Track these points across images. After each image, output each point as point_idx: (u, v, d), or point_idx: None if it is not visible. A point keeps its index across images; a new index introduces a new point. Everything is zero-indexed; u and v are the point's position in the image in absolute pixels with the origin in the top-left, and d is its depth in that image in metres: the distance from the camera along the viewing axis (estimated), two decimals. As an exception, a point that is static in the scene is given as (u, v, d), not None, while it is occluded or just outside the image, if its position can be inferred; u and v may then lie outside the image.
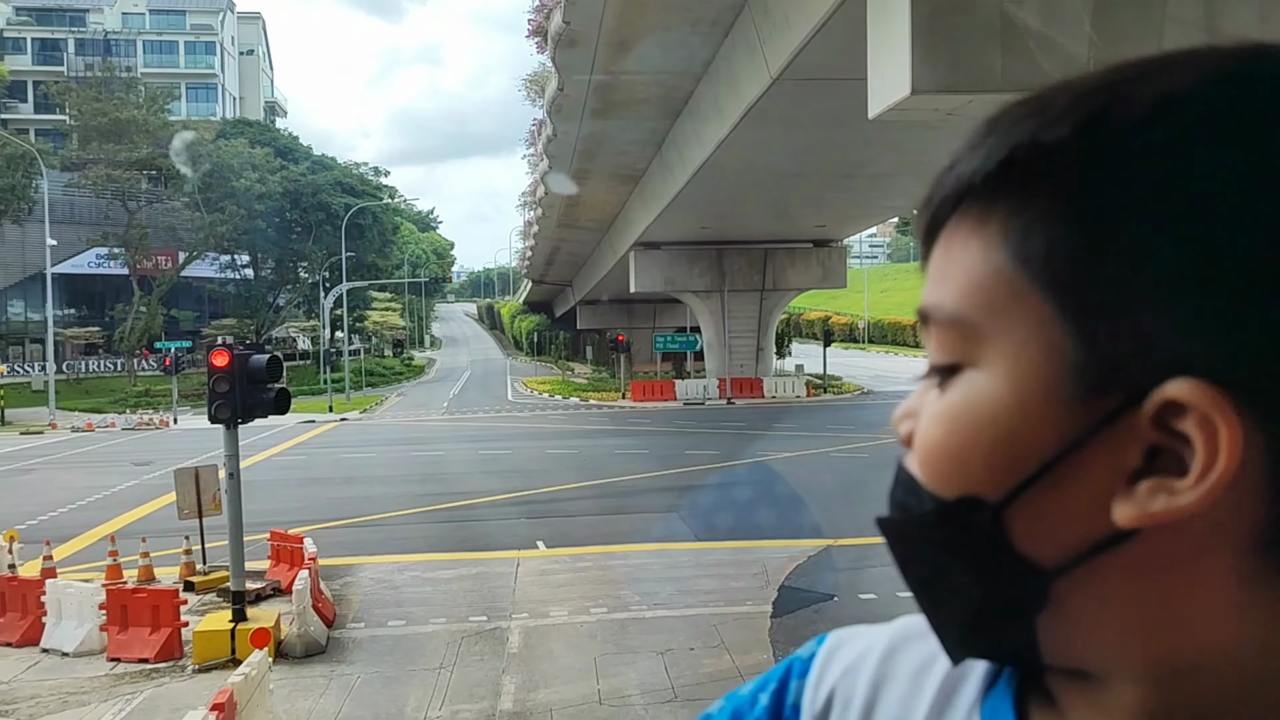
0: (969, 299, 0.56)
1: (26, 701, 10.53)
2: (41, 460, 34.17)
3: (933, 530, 0.58)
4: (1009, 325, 0.54)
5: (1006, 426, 0.54)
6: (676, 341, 54.78)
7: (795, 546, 16.34)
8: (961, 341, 0.57)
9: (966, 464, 0.56)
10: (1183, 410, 0.49)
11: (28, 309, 65.17)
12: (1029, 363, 0.54)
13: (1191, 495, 0.49)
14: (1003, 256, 0.54)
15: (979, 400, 0.56)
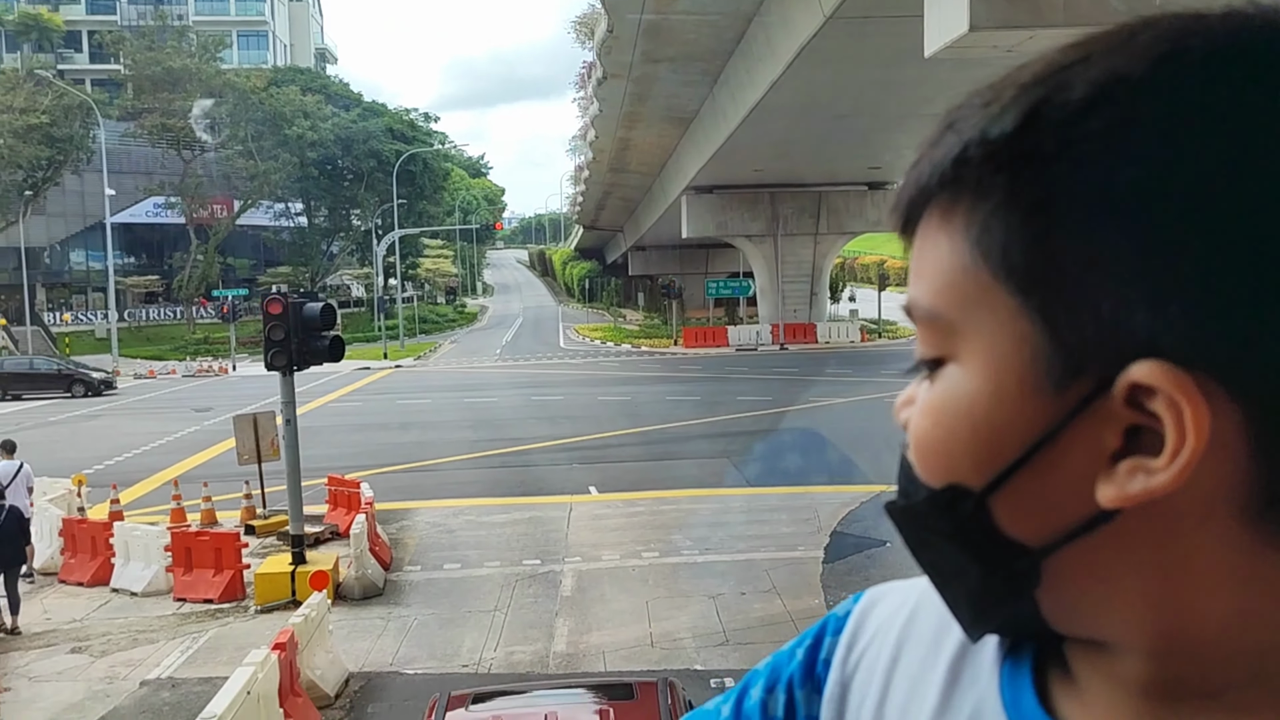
0: (941, 295, 0.57)
1: (99, 638, 10.89)
2: (106, 406, 35.02)
3: (927, 517, 0.60)
4: (979, 319, 0.55)
5: (985, 418, 0.55)
6: (729, 287, 54.51)
7: (847, 492, 16.30)
8: (940, 336, 0.58)
9: (951, 455, 0.57)
10: (1151, 391, 0.50)
11: (89, 258, 66.34)
12: (1001, 355, 0.54)
13: (1166, 475, 0.50)
14: (966, 251, 0.55)
15: (958, 394, 0.57)
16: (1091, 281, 0.50)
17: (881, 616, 0.78)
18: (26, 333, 54.61)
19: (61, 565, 13.27)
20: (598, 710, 5.39)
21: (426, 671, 9.73)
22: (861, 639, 0.78)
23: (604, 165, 50.91)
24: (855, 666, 0.77)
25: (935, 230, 0.57)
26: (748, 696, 0.82)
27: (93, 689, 9.46)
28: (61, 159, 54.87)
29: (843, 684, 0.77)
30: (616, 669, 9.58)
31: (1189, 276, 0.49)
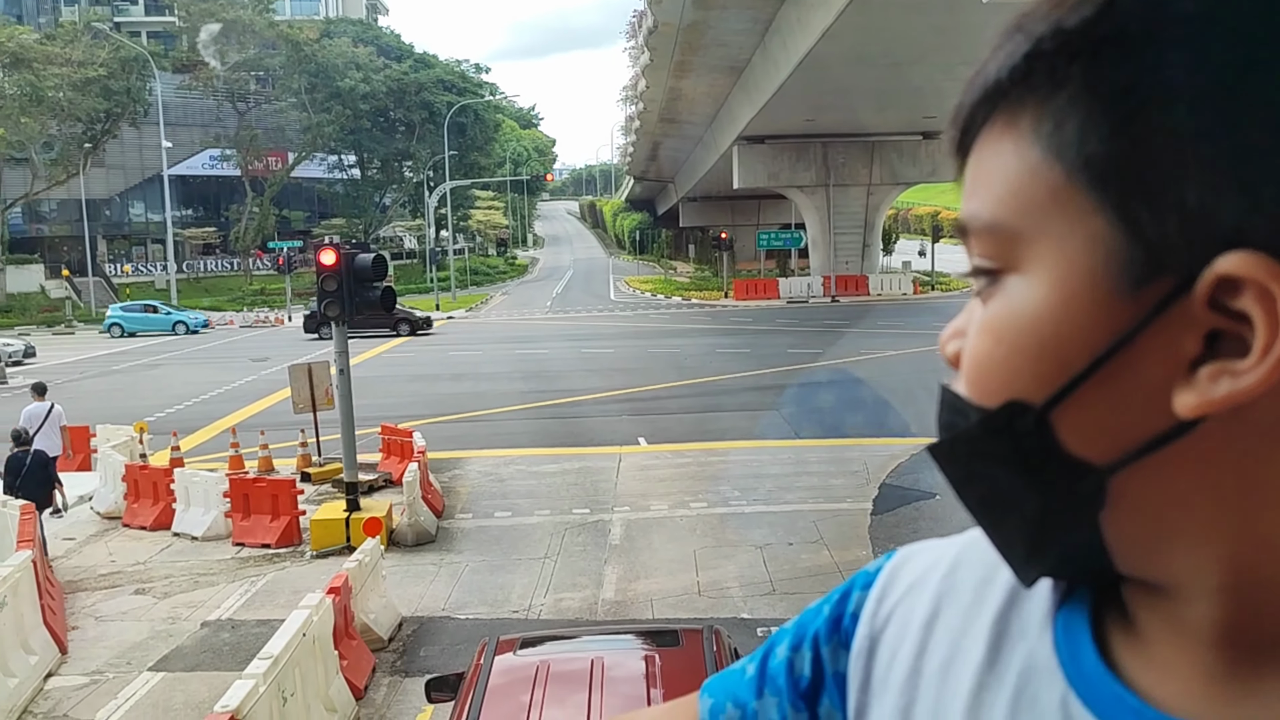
0: (1005, 204, 0.54)
1: (161, 581, 11.21)
2: (167, 356, 35.74)
3: (980, 443, 0.56)
4: (1048, 224, 0.52)
5: (1053, 328, 0.52)
6: (780, 238, 54.05)
7: (897, 445, 16.21)
8: (1001, 249, 0.54)
9: (1014, 372, 0.54)
10: (1238, 286, 0.46)
11: (148, 210, 67.47)
12: (1071, 259, 0.51)
13: (1255, 375, 0.46)
14: (1036, 153, 0.52)
15: (1023, 305, 0.53)
16: (1177, 170, 0.47)
17: (916, 571, 0.74)
18: (89, 284, 55.83)
19: (125, 510, 13.64)
20: (644, 656, 5.45)
21: (477, 617, 9.90)
22: (893, 593, 0.74)
23: (654, 115, 50.50)
24: (886, 621, 0.73)
25: (998, 138, 0.54)
26: (773, 655, 0.79)
27: (156, 629, 9.76)
28: (119, 112, 55.65)
29: (871, 638, 0.73)
30: (664, 617, 9.67)
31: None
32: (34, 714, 8.02)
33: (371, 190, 71.89)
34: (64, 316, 50.17)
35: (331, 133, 63.70)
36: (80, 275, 56.32)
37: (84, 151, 55.40)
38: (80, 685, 8.56)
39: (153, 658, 9.07)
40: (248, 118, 64.15)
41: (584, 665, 5.14)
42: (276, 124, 65.57)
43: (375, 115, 65.51)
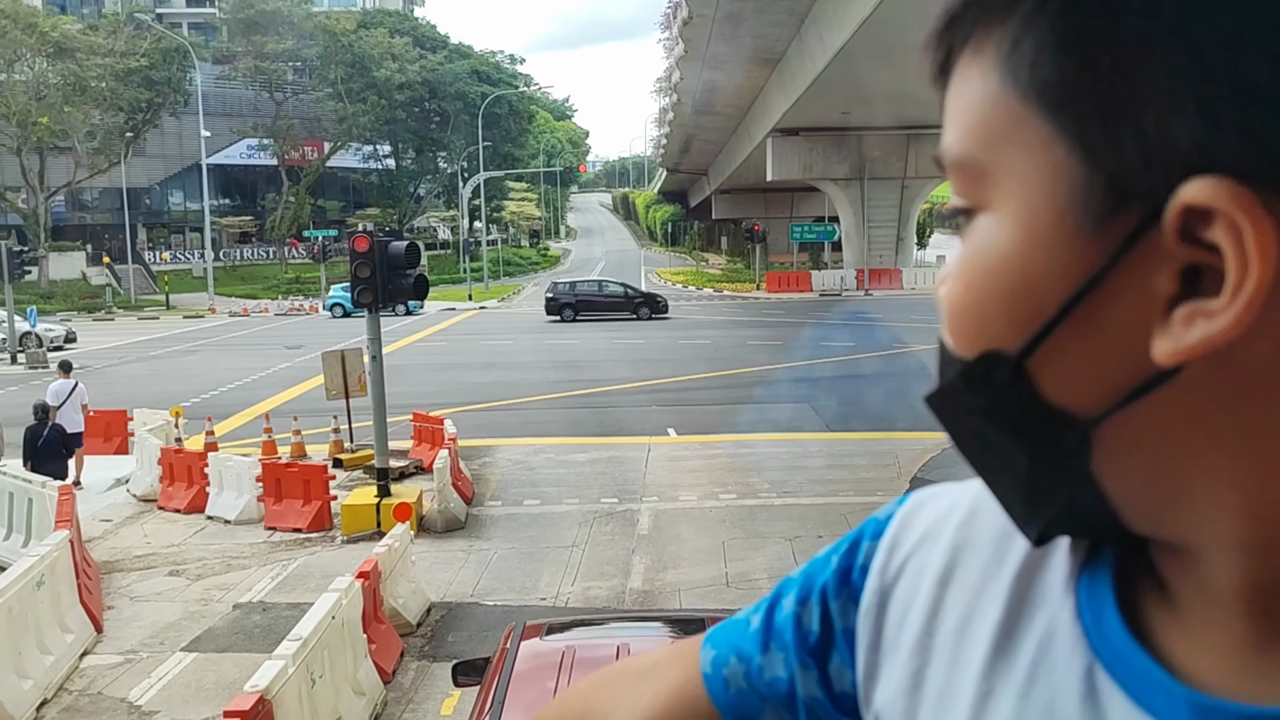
0: (970, 136, 0.51)
1: (194, 563, 11.35)
2: (203, 343, 36.15)
3: (964, 396, 0.53)
4: (1010, 156, 0.49)
5: (1019, 269, 0.48)
6: (814, 231, 53.81)
7: (929, 439, 16.09)
8: (971, 184, 0.51)
9: (986, 318, 0.50)
10: (1209, 216, 0.43)
11: (186, 199, 68.25)
12: (1034, 194, 0.48)
13: (1227, 317, 0.42)
14: (995, 79, 0.49)
15: (990, 245, 0.50)
16: (1130, 89, 0.44)
17: (930, 519, 0.68)
18: (129, 270, 56.52)
19: (160, 493, 13.81)
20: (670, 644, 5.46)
21: (505, 603, 9.95)
22: (905, 543, 0.68)
23: (688, 107, 50.39)
24: (898, 574, 0.68)
25: (966, 65, 0.51)
26: (779, 608, 0.74)
27: (189, 610, 9.89)
28: (160, 101, 56.27)
29: (882, 593, 0.68)
30: (691, 607, 9.68)
31: (1249, 67, 0.42)
32: (69, 691, 8.15)
33: (406, 180, 72.27)
34: (104, 303, 50.83)
35: (367, 123, 64.07)
36: (120, 263, 57.04)
37: (125, 141, 56.07)
38: (115, 664, 8.69)
39: (185, 638, 9.18)
40: (285, 108, 64.66)
41: (610, 652, 5.15)
42: (313, 114, 66.05)
43: (410, 106, 65.82)
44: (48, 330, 34.57)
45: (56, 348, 33.71)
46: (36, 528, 10.84)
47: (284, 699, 6.00)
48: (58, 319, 40.38)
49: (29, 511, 11.27)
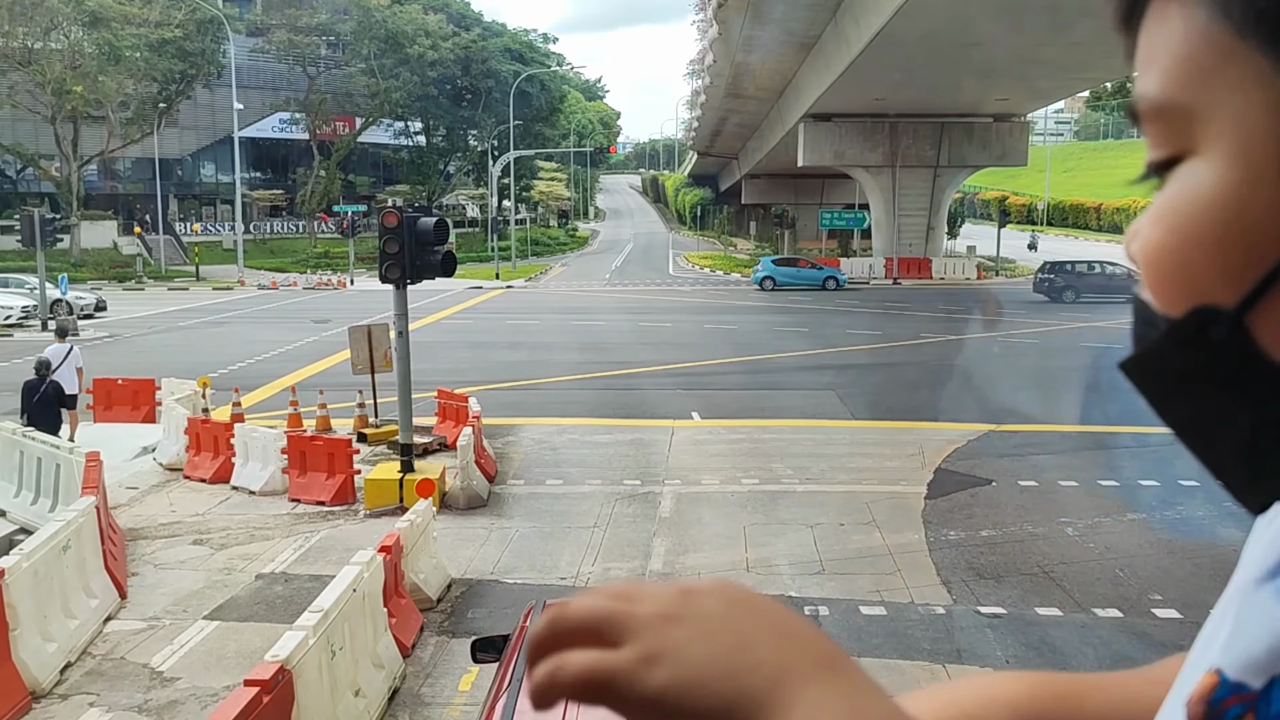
0: (1174, 78, 0.46)
1: (219, 532, 11.43)
2: (232, 315, 36.39)
3: (1171, 358, 0.48)
4: (1223, 94, 0.45)
5: (1237, 213, 0.45)
6: (843, 218, 53.49)
7: (954, 430, 15.99)
8: (1173, 130, 0.47)
9: (1193, 268, 0.46)
10: None
11: (218, 171, 68.66)
12: (1253, 131, 0.44)
13: None
14: (1203, 13, 0.45)
15: (1200, 189, 0.46)
16: None
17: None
18: (159, 241, 56.95)
19: (186, 462, 13.92)
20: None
21: (525, 582, 9.96)
22: None
23: (721, 90, 50.11)
24: None
25: (1163, 6, 0.47)
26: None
27: (212, 579, 9.96)
28: (193, 73, 56.49)
29: None
30: (711, 591, 9.64)
31: None
32: (93, 655, 8.23)
33: (436, 158, 72.34)
34: (135, 272, 51.26)
35: (399, 99, 64.12)
36: (152, 233, 57.47)
37: (158, 111, 56.39)
38: (138, 630, 8.77)
39: (208, 606, 9.25)
40: (317, 82, 64.79)
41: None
42: (345, 89, 66.17)
43: (442, 83, 65.80)
44: (78, 298, 34.91)
45: (86, 316, 34.04)
46: (63, 492, 10.95)
47: (304, 669, 6.02)
48: (88, 287, 40.76)
49: (56, 476, 11.38)
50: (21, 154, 53.90)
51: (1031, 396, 18.89)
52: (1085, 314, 32.41)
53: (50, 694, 7.53)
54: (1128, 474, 13.45)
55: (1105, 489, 13.02)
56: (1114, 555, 10.70)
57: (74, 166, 53.17)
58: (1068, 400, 19.22)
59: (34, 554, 7.81)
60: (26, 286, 35.05)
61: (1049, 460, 14.56)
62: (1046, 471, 13.81)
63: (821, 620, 8.93)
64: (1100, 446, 15.21)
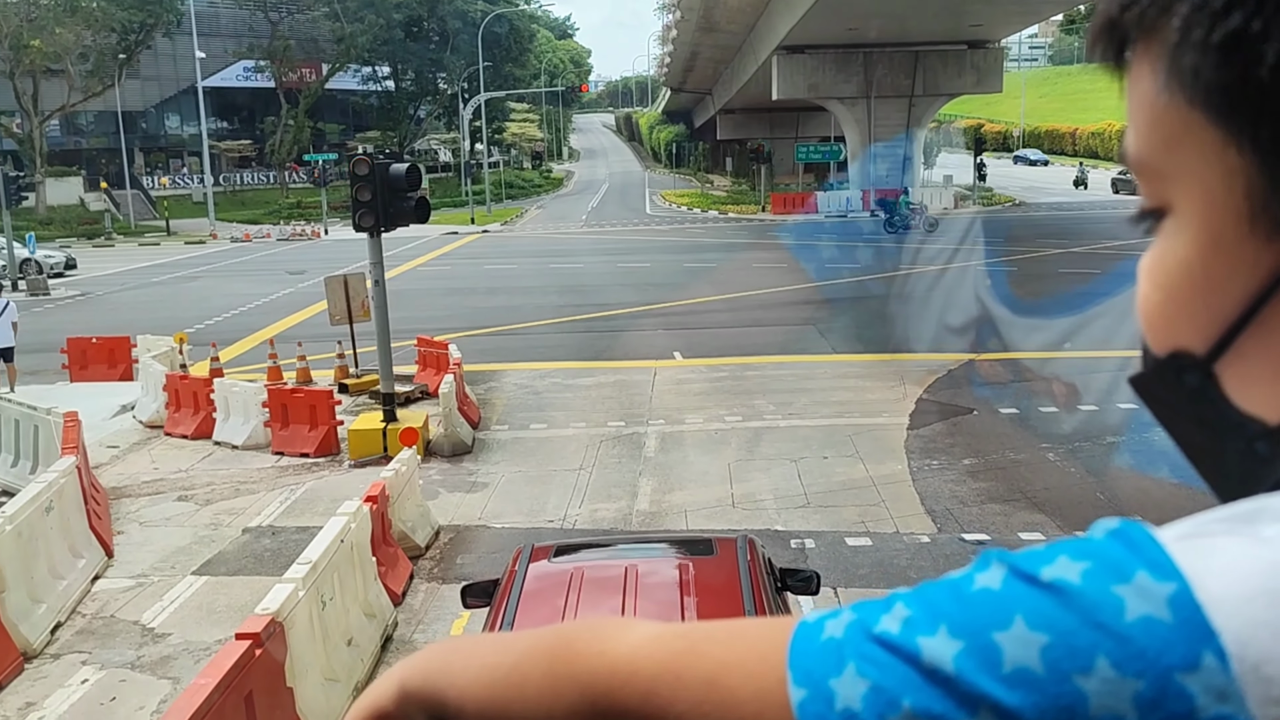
0: (1145, 139, 0.49)
1: (203, 488, 11.41)
2: (205, 269, 36.00)
3: (1160, 390, 0.52)
4: (1186, 159, 0.47)
5: (1202, 272, 0.48)
6: (820, 152, 53.17)
7: (934, 360, 16.06)
8: (1152, 186, 0.50)
9: (1172, 319, 0.50)
10: None
11: (183, 123, 67.48)
12: (1211, 197, 0.46)
13: None
14: (1162, 80, 0.47)
15: (1173, 248, 0.49)
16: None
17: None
18: (127, 196, 56.09)
19: (167, 419, 13.84)
20: (677, 564, 5.46)
21: (513, 526, 10.00)
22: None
23: (692, 24, 49.44)
24: None
25: (1139, 63, 0.48)
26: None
27: (199, 534, 9.95)
28: (153, 22, 55.20)
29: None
30: (698, 527, 9.72)
31: None
32: (82, 614, 8.23)
33: (406, 102, 71.28)
34: (104, 229, 50.53)
35: (364, 43, 62.95)
36: (118, 188, 56.56)
37: (119, 63, 55.17)
38: (126, 587, 8.76)
39: (196, 562, 9.25)
40: (280, 28, 63.49)
41: (618, 572, 5.16)
42: (309, 35, 64.94)
43: (409, 25, 64.64)
44: (47, 257, 34.41)
45: (56, 274, 33.61)
46: (43, 454, 10.87)
47: (295, 621, 6.04)
48: (57, 245, 40.16)
49: (35, 438, 11.29)
50: (-19, 111, 52.83)
51: (1009, 326, 18.95)
52: (1067, 240, 32.48)
53: (42, 654, 7.54)
54: (1107, 398, 13.57)
55: (1084, 414, 13.14)
56: (1094, 479, 10.83)
57: (35, 122, 52.14)
58: (1047, 326, 19.31)
59: (16, 516, 7.77)
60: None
61: (1030, 387, 14.66)
62: (1027, 399, 13.91)
63: (808, 553, 9.02)
64: (1080, 372, 15.30)
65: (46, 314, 25.10)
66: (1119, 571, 0.42)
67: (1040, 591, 0.42)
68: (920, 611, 0.45)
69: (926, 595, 0.46)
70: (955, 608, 0.44)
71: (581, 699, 0.55)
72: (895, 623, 0.45)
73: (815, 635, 0.48)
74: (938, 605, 0.45)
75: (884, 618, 0.46)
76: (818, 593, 5.83)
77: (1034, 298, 21.67)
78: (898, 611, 0.46)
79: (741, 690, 0.49)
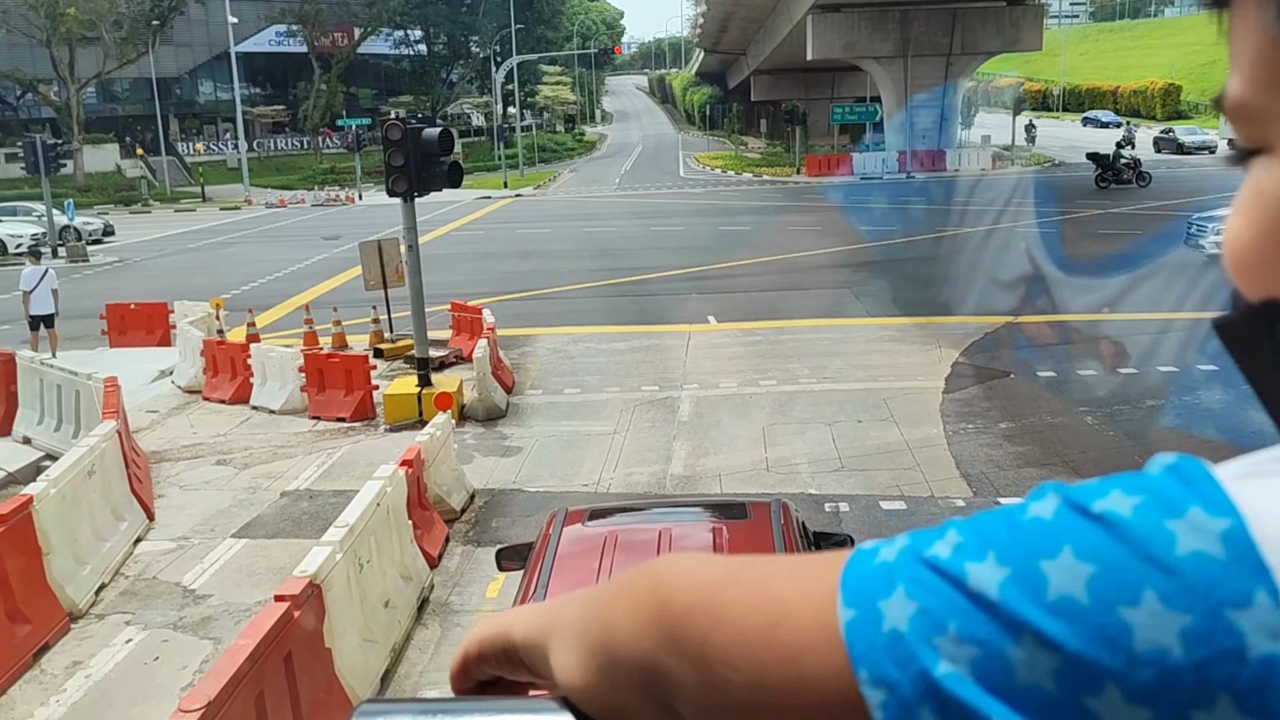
0: (1248, 79, 0.47)
1: (241, 452, 11.54)
2: (240, 235, 36.25)
3: (1248, 340, 0.49)
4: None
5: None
6: (855, 112, 52.50)
7: (971, 323, 15.89)
8: (1249, 127, 0.48)
9: (1266, 261, 0.47)
10: None
11: (217, 89, 67.71)
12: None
13: None
14: (1268, 18, 0.46)
15: (1270, 186, 0.47)
16: None
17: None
18: (163, 162, 56.50)
19: (204, 384, 13.98)
20: (711, 528, 5.45)
21: (547, 489, 10.04)
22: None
23: (726, -16, 48.81)
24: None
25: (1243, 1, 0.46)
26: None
27: (238, 498, 10.07)
28: (185, -14, 55.33)
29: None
30: (732, 491, 9.71)
31: None
32: (126, 576, 8.37)
33: (438, 66, 71.09)
34: (140, 195, 50.98)
35: (396, 6, 62.78)
36: (154, 154, 57.00)
37: (152, 29, 55.34)
38: (168, 550, 8.90)
39: (235, 525, 9.37)
40: (313, -10, 63.44)
41: (651, 536, 5.16)
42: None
43: (440, -13, 64.34)
44: (86, 224, 34.77)
45: (95, 241, 33.96)
46: (84, 418, 11.02)
47: (333, 583, 6.10)
48: (95, 212, 40.57)
49: (76, 403, 11.45)
50: (19, 79, 53.24)
51: (1048, 288, 18.70)
52: (1107, 200, 31.94)
53: (87, 614, 7.68)
54: (1147, 361, 13.37)
55: (1124, 377, 12.96)
56: (1134, 443, 10.69)
57: (72, 90, 52.50)
58: (1084, 289, 19.04)
59: (60, 480, 7.89)
60: (34, 214, 34.90)
61: (1069, 350, 14.48)
62: (1065, 361, 13.74)
63: (842, 517, 8.99)
64: (1120, 335, 15.08)
65: (86, 280, 25.41)
66: (1172, 506, 0.42)
67: (1090, 523, 0.43)
68: (971, 538, 0.46)
69: (979, 523, 0.46)
70: (1005, 535, 0.44)
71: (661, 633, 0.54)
72: (946, 548, 0.46)
73: (869, 559, 0.49)
74: (988, 533, 0.45)
75: (936, 543, 0.47)
76: (852, 557, 5.80)
77: (1079, 258, 21.35)
78: (950, 537, 0.46)
79: (794, 605, 0.49)
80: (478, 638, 0.69)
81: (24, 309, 16.18)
